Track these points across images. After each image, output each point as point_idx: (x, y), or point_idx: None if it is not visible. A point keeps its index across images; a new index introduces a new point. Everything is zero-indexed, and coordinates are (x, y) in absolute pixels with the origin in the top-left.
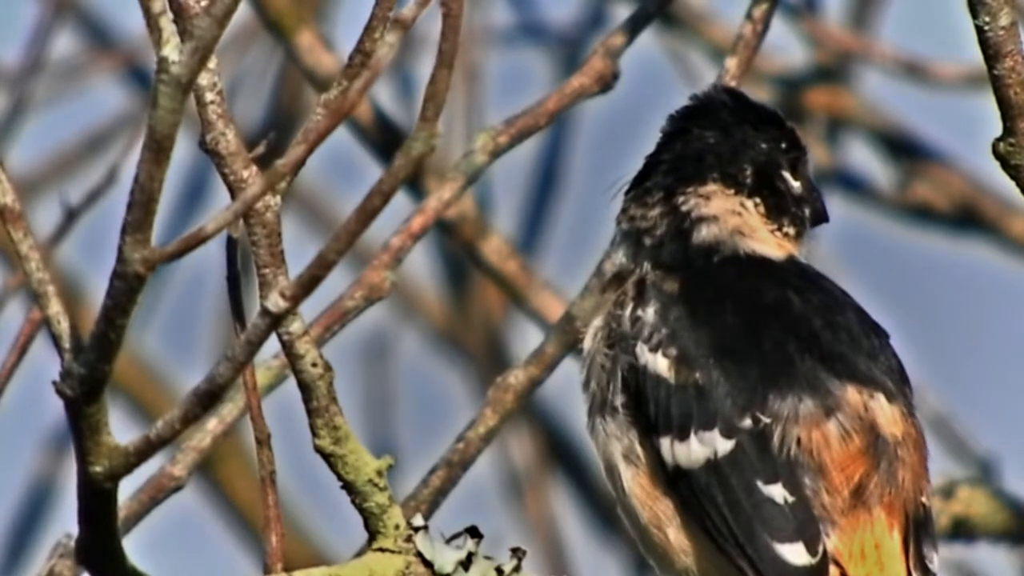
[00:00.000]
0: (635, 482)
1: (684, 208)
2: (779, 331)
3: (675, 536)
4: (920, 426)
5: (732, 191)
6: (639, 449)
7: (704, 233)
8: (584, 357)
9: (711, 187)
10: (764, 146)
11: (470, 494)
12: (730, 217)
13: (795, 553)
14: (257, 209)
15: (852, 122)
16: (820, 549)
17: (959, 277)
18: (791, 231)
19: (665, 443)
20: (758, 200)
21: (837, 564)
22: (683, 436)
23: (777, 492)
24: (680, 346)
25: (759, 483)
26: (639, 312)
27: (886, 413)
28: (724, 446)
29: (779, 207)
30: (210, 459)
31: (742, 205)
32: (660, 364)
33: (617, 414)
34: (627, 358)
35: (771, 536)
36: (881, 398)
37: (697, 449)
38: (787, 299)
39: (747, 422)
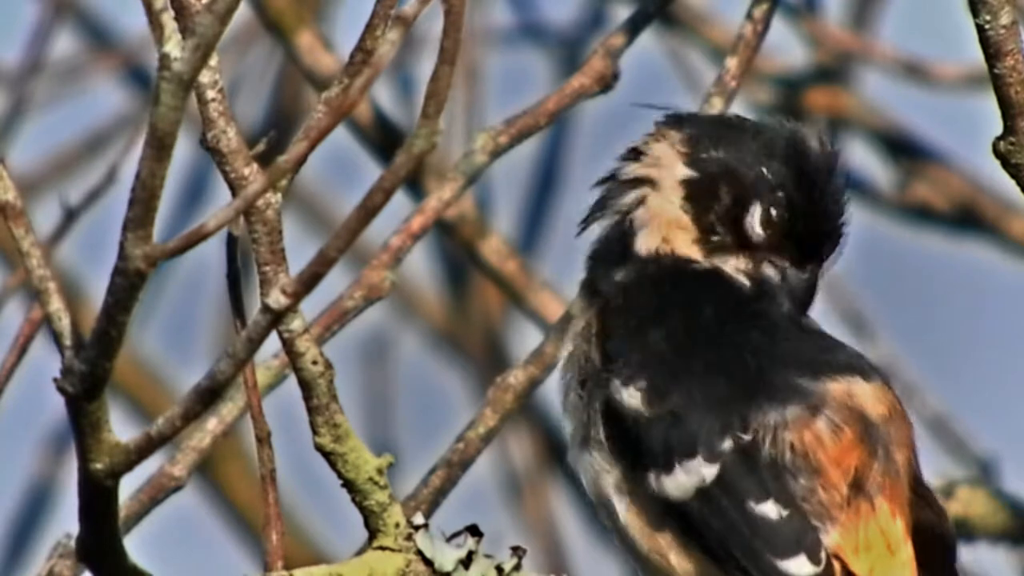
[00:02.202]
0: (631, 513)
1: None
2: (742, 342)
3: (678, 562)
4: (898, 395)
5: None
6: (630, 479)
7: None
8: (559, 387)
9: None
10: (754, 167)
11: (470, 494)
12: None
13: (799, 566)
14: (258, 207)
15: (852, 122)
16: (823, 556)
17: (959, 277)
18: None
19: (652, 476)
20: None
21: (840, 559)
22: (668, 468)
23: (770, 509)
24: (648, 376)
25: (751, 503)
26: (605, 346)
27: (868, 394)
28: (710, 472)
29: (708, 222)
30: (210, 459)
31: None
32: (633, 398)
33: (602, 447)
34: (602, 392)
35: (772, 554)
36: (859, 380)
37: (684, 479)
38: (739, 310)
39: (728, 443)
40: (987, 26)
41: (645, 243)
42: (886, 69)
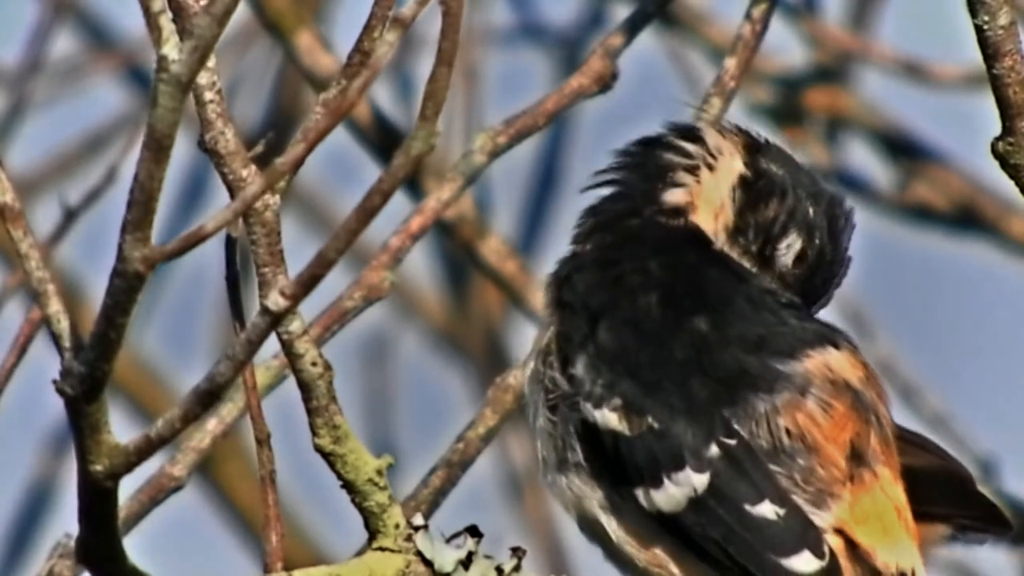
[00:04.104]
0: (622, 530)
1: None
2: (706, 330)
3: (679, 572)
4: (864, 354)
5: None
6: (616, 497)
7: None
8: (527, 404)
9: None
10: (805, 203)
11: (470, 494)
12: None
13: (804, 562)
14: (256, 208)
15: (852, 122)
16: (826, 550)
17: (959, 277)
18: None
19: (640, 493)
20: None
21: (844, 534)
22: (656, 483)
23: (767, 509)
24: (621, 393)
25: (747, 507)
26: (570, 371)
27: (843, 362)
28: (700, 481)
29: (746, 222)
30: (210, 459)
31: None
32: (610, 418)
33: (581, 469)
34: (576, 416)
35: (776, 554)
36: (831, 350)
37: (675, 492)
38: (700, 288)
39: (714, 450)
40: (985, 26)
41: (674, 196)
42: (886, 69)
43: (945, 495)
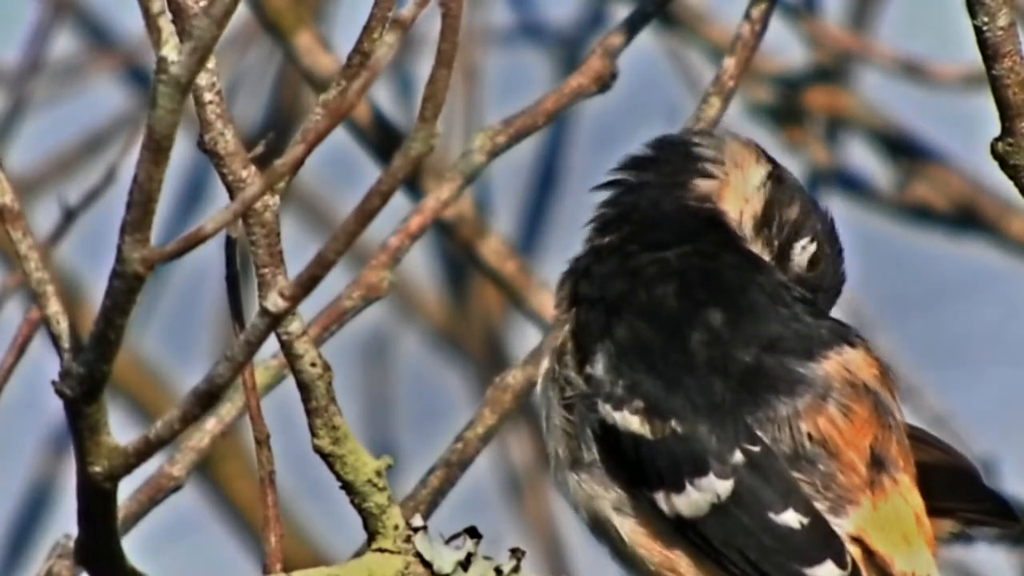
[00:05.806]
0: (636, 532)
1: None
2: (730, 334)
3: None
4: (875, 347)
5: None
6: (631, 499)
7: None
8: (540, 404)
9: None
10: (818, 213)
11: (469, 494)
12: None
13: (826, 572)
14: (256, 209)
15: (851, 122)
16: (848, 560)
17: (959, 277)
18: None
19: (660, 496)
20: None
21: (863, 542)
22: (678, 488)
23: (791, 518)
24: (644, 395)
25: (771, 515)
26: (588, 370)
27: (860, 362)
28: (724, 488)
29: (771, 216)
30: (209, 459)
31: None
32: (631, 421)
33: (594, 469)
34: (594, 416)
35: (800, 563)
36: (847, 349)
37: (697, 497)
38: (722, 283)
39: (738, 456)
40: (985, 27)
41: (704, 184)
42: (885, 69)
43: (951, 490)
